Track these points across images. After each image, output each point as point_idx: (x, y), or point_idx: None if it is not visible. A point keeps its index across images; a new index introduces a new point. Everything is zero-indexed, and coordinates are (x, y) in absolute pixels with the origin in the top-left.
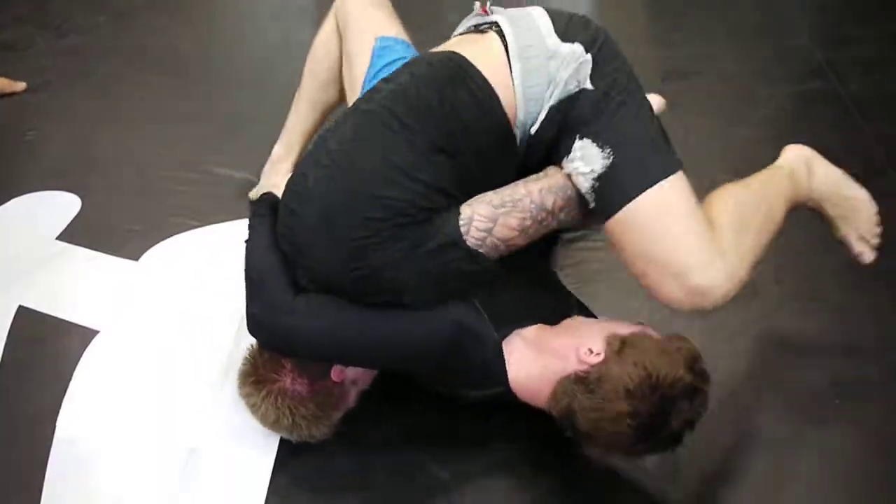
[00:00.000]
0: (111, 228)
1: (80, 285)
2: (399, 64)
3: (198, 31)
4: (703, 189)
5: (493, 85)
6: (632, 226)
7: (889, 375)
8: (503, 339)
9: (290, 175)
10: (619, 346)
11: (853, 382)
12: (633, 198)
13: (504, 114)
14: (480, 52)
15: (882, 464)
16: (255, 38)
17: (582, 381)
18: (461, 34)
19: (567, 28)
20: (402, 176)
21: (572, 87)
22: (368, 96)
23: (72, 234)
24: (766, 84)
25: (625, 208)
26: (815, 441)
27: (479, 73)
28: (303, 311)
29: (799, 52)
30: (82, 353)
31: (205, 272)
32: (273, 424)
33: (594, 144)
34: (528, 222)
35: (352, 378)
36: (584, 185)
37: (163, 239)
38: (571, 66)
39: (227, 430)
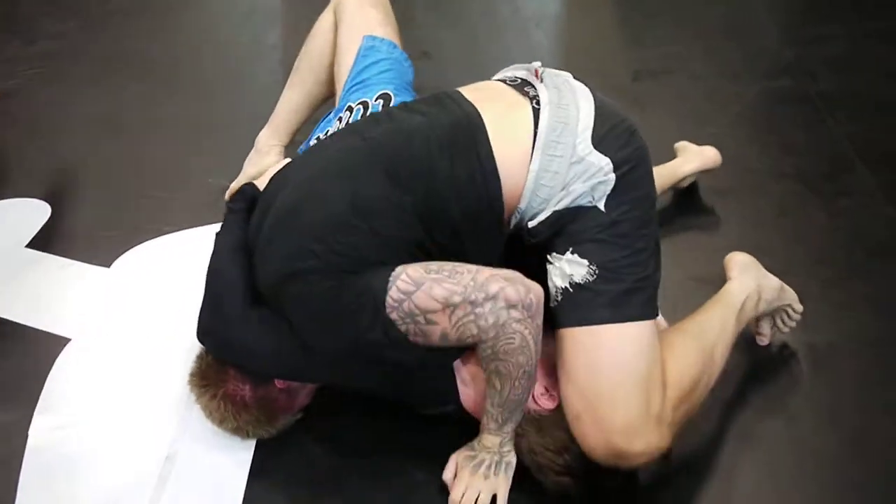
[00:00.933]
0: (82, 235)
1: (52, 293)
2: (383, 65)
3: (168, 37)
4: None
5: (501, 171)
6: (582, 348)
7: (864, 376)
8: (455, 360)
9: (279, 159)
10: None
11: (834, 383)
12: (596, 323)
13: (500, 203)
14: (507, 127)
15: (861, 467)
16: (226, 42)
17: (535, 422)
18: (505, 83)
19: (606, 135)
20: (363, 223)
21: (583, 202)
22: (373, 123)
23: (42, 242)
24: (736, 83)
25: (583, 328)
26: (796, 440)
27: (489, 153)
28: (252, 328)
29: (768, 51)
30: (54, 361)
31: (177, 278)
32: (220, 424)
33: (584, 261)
34: (457, 299)
35: (298, 385)
36: (559, 282)
37: (135, 245)
38: (590, 181)
39: (202, 438)
